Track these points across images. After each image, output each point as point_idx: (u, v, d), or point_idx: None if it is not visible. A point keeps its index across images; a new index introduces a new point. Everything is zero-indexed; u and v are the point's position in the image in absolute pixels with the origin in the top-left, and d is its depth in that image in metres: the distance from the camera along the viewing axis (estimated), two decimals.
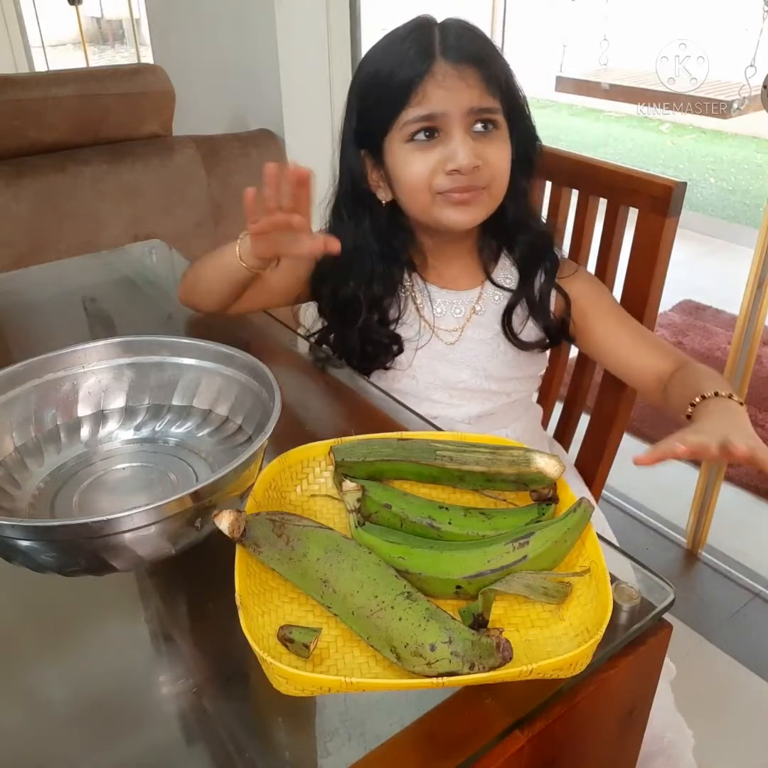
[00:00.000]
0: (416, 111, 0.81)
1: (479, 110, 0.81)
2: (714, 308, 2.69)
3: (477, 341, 0.94)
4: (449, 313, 0.94)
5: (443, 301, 0.94)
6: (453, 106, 0.80)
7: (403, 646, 0.47)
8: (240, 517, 0.54)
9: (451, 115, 0.81)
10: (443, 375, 0.95)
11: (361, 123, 0.87)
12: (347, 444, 0.64)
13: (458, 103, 0.80)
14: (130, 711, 0.53)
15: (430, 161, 0.83)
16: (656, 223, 0.93)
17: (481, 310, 0.94)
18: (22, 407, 0.67)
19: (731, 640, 1.44)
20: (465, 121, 0.81)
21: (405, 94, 0.81)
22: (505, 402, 0.98)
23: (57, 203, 1.56)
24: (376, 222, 0.90)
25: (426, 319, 0.95)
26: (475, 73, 0.81)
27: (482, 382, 0.95)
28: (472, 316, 0.94)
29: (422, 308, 0.95)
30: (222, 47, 1.98)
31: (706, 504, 1.62)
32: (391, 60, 0.82)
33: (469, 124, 0.82)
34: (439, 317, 0.95)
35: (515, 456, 0.60)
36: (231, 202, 1.77)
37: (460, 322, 0.94)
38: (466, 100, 0.80)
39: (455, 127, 0.81)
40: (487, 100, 0.82)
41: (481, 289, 0.94)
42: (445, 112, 0.81)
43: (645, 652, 0.55)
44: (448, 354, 0.95)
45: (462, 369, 0.95)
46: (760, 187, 4.13)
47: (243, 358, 0.69)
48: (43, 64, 4.37)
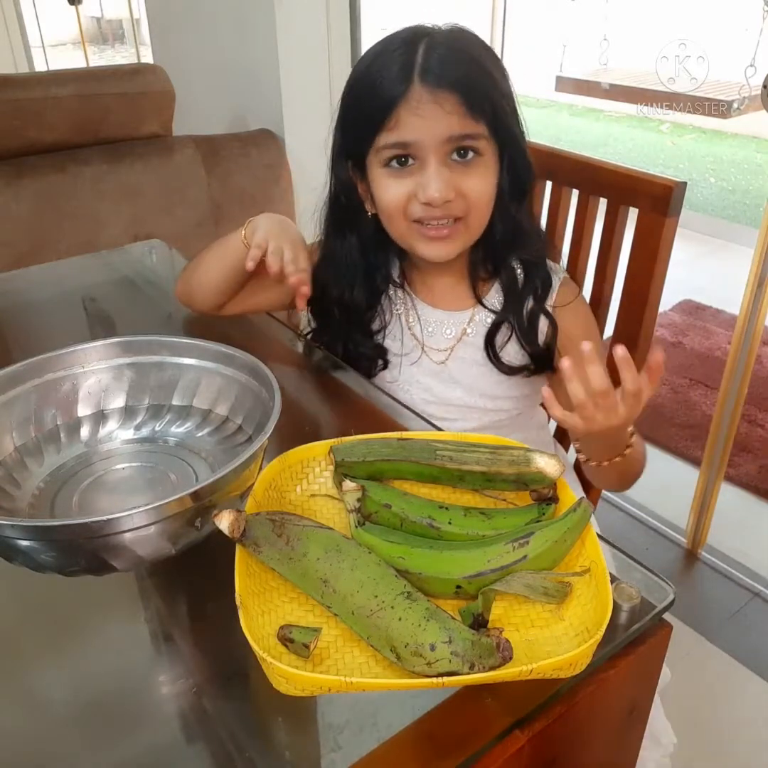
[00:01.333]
0: (389, 137, 0.78)
1: (459, 137, 0.77)
2: (714, 308, 2.69)
3: (468, 362, 0.92)
4: (439, 333, 0.92)
5: (435, 320, 0.92)
6: (427, 135, 0.76)
7: (403, 646, 0.47)
8: (240, 517, 0.54)
9: (425, 144, 0.77)
10: (437, 392, 0.94)
11: (345, 137, 0.84)
12: (347, 444, 0.64)
13: (433, 132, 0.76)
14: (130, 711, 0.53)
15: (404, 189, 0.80)
16: (656, 223, 0.93)
17: (472, 332, 0.91)
18: (22, 407, 0.67)
19: (731, 640, 1.44)
20: (441, 150, 0.77)
21: (380, 118, 0.77)
22: (504, 418, 0.95)
23: (57, 203, 1.56)
24: (363, 231, 0.88)
25: (416, 336, 0.93)
26: (454, 98, 0.75)
27: (477, 399, 0.93)
28: (463, 337, 0.91)
29: (413, 325, 0.93)
30: (222, 47, 1.98)
31: (706, 504, 1.62)
32: (374, 75, 0.78)
33: (447, 153, 0.78)
34: (429, 336, 0.92)
35: (515, 456, 0.60)
36: (231, 202, 1.77)
37: (450, 343, 0.92)
38: (442, 128, 0.76)
39: (430, 156, 0.77)
40: (468, 126, 0.77)
41: (473, 310, 0.91)
42: (419, 140, 0.77)
43: (645, 652, 0.55)
44: (439, 372, 0.93)
45: (455, 387, 0.93)
46: (760, 187, 4.13)
47: (243, 358, 0.69)
48: (43, 64, 4.37)
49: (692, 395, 2.19)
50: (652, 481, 1.82)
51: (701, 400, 2.17)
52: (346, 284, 0.90)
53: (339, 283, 0.90)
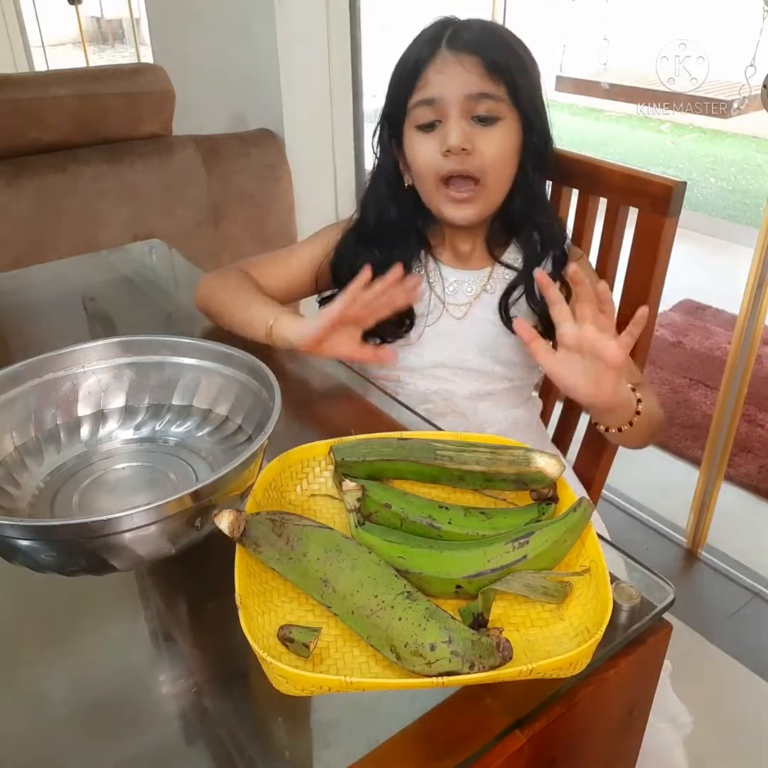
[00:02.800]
0: (419, 95, 0.87)
1: (478, 95, 0.85)
2: (714, 308, 2.69)
3: (483, 320, 0.97)
4: (460, 291, 0.98)
5: (455, 279, 0.98)
6: (449, 91, 0.85)
7: (403, 646, 0.47)
8: (240, 516, 0.54)
9: (448, 99, 0.85)
10: (449, 352, 0.98)
11: (387, 110, 0.93)
12: (347, 444, 0.64)
13: (455, 88, 0.85)
14: (130, 711, 0.53)
15: (432, 146, 0.87)
16: (656, 223, 0.93)
17: (492, 289, 0.97)
18: (22, 407, 0.67)
19: (731, 639, 1.44)
20: (463, 106, 0.85)
21: (411, 79, 0.87)
22: (507, 386, 1.00)
23: (57, 203, 1.56)
24: (403, 201, 0.95)
25: (438, 295, 0.98)
26: (474, 60, 0.84)
27: (487, 362, 0.98)
28: (482, 293, 0.97)
29: (434, 285, 0.98)
30: (222, 47, 1.97)
31: (706, 504, 1.62)
32: (410, 50, 0.88)
33: (468, 111, 0.86)
34: (451, 294, 0.98)
35: (515, 456, 0.60)
36: (231, 202, 1.77)
37: (469, 298, 0.97)
38: (463, 84, 0.84)
39: (452, 110, 0.85)
40: (486, 86, 0.85)
41: (492, 268, 0.97)
42: (442, 96, 0.85)
43: (645, 651, 0.55)
44: (455, 331, 0.97)
45: (468, 347, 0.97)
46: (759, 186, 4.13)
47: (243, 358, 0.69)
48: (43, 63, 4.37)
49: (692, 395, 2.19)
50: (652, 481, 1.83)
51: (701, 400, 2.17)
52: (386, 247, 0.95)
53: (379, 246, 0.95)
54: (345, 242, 0.98)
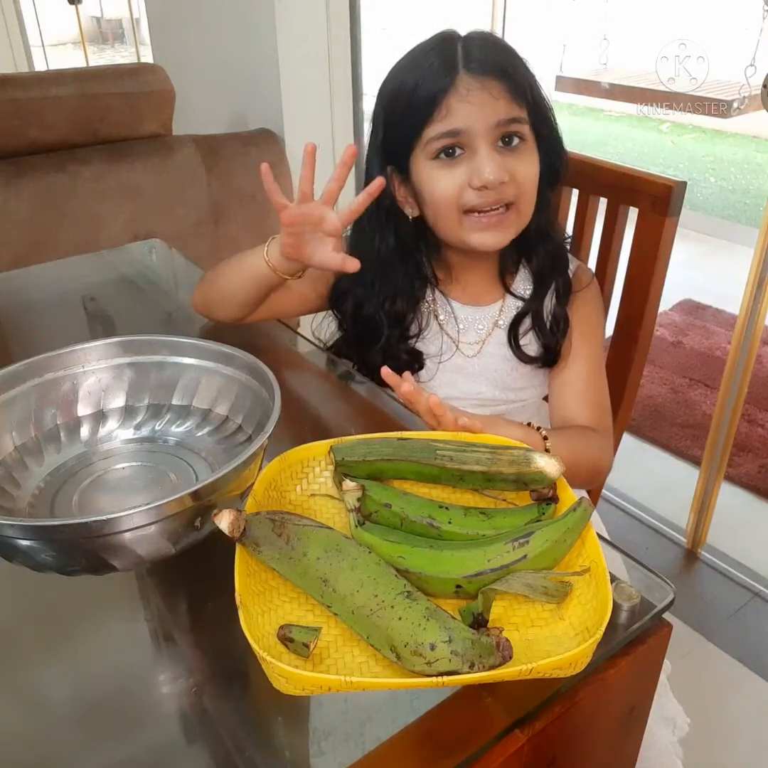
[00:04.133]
0: (440, 127, 0.80)
1: (507, 121, 0.80)
2: (714, 308, 2.69)
3: (497, 357, 0.94)
4: (472, 329, 0.95)
5: (466, 317, 0.94)
6: (478, 121, 0.79)
7: (402, 646, 0.47)
8: (240, 516, 0.54)
9: (475, 130, 0.80)
10: (462, 387, 0.95)
11: (387, 139, 0.86)
12: (347, 444, 0.64)
13: (483, 117, 0.79)
14: (130, 711, 0.53)
15: (456, 178, 0.82)
16: (656, 223, 0.93)
17: (503, 323, 0.94)
18: (22, 407, 0.67)
19: (731, 639, 1.44)
20: (491, 135, 0.80)
21: (428, 109, 0.80)
22: (519, 405, 0.98)
23: (57, 203, 1.56)
24: (402, 237, 0.89)
25: (449, 335, 0.95)
26: (499, 85, 0.79)
27: (499, 393, 0.96)
28: (494, 329, 0.94)
29: (445, 324, 0.94)
30: (222, 47, 1.97)
31: (706, 503, 1.62)
32: (415, 74, 0.81)
33: (495, 139, 0.81)
34: (463, 332, 0.95)
35: (515, 456, 0.60)
36: (231, 202, 1.77)
37: (481, 336, 0.95)
38: (491, 113, 0.79)
39: (481, 141, 0.80)
40: (514, 110, 0.80)
41: (503, 302, 0.94)
42: (469, 127, 0.79)
43: (645, 651, 0.55)
44: (467, 367, 0.95)
45: (481, 382, 0.95)
46: (760, 186, 4.13)
47: (243, 358, 0.68)
48: (43, 63, 4.36)
49: (692, 395, 2.19)
50: (652, 481, 1.83)
51: (701, 400, 2.17)
52: (388, 291, 0.91)
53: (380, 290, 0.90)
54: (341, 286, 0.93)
